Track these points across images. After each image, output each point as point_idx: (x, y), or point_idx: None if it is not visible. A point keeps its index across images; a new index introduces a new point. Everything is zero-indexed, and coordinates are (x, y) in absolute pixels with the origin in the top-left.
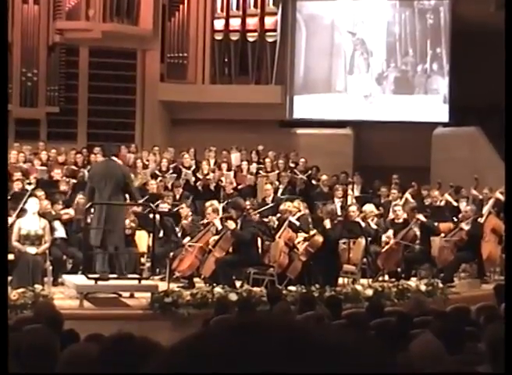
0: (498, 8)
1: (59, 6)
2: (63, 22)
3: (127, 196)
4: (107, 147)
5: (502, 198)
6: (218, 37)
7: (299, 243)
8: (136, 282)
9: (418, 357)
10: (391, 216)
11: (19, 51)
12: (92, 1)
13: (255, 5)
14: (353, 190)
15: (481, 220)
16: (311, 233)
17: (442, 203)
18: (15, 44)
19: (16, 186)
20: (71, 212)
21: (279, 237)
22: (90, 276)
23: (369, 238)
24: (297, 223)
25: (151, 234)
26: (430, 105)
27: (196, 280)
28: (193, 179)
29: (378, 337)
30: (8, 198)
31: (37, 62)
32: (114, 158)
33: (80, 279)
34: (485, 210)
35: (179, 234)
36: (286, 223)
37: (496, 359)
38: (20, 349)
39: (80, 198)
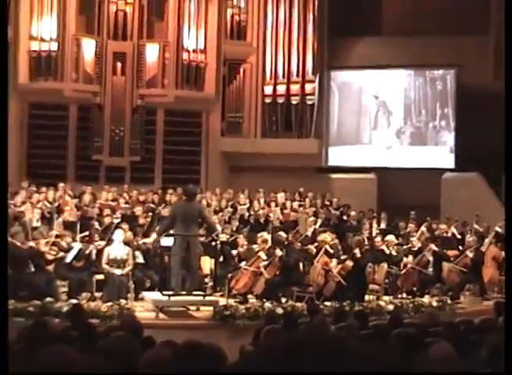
0: (496, 77)
1: (141, 76)
2: (144, 89)
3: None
4: (188, 189)
5: (500, 230)
6: (268, 100)
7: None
8: (201, 298)
9: (438, 359)
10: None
11: (109, 112)
12: (167, 72)
13: (297, 75)
14: (379, 224)
15: (482, 249)
16: (343, 259)
17: (449, 234)
18: (106, 107)
19: (107, 220)
20: (149, 241)
21: (317, 262)
22: (164, 293)
23: (392, 264)
24: (332, 251)
25: (214, 259)
26: (439, 154)
27: (249, 296)
28: (247, 214)
29: (399, 344)
30: (100, 228)
31: (123, 121)
32: (193, 198)
33: (156, 295)
34: (487, 241)
35: (237, 259)
36: (323, 250)
37: (496, 362)
38: (110, 352)
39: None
